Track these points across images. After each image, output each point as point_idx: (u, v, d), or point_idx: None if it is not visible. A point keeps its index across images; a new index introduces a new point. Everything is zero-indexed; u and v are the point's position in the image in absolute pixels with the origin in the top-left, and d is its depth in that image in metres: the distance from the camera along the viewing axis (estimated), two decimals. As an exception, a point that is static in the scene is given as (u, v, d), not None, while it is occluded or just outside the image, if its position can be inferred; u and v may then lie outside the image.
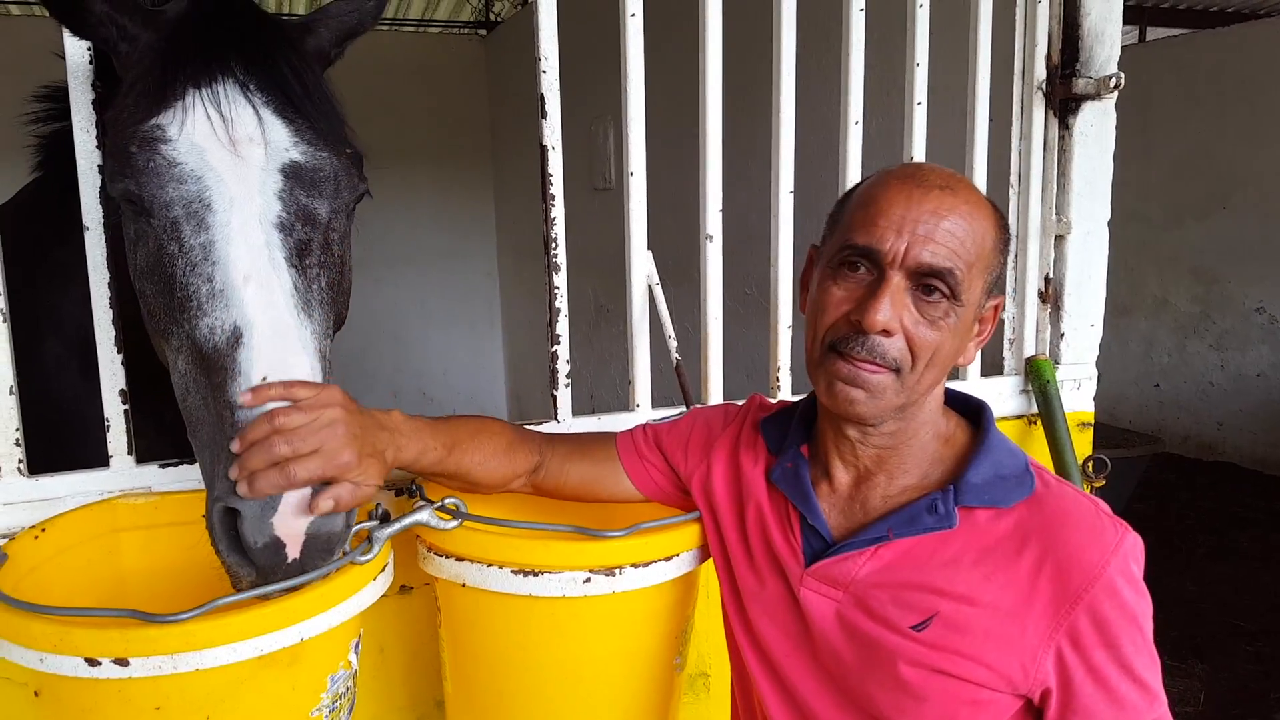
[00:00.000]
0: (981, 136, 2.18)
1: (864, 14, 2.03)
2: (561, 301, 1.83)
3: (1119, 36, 2.22)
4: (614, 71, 1.88)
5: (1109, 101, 2.22)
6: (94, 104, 1.49)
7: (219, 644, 1.05)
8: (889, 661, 1.14)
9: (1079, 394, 2.31)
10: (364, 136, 1.32)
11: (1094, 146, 2.23)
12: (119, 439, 1.56)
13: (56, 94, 1.73)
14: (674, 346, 1.86)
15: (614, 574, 1.31)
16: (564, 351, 1.84)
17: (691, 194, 1.97)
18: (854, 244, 1.15)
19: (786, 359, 2.06)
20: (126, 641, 1.02)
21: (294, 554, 1.08)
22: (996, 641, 1.10)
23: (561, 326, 1.84)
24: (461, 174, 7.28)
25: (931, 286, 1.12)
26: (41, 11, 6.01)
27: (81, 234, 1.50)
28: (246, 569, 1.09)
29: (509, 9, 7.20)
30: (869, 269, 1.14)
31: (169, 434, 1.60)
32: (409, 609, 1.67)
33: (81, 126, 1.49)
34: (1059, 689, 1.09)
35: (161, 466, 1.58)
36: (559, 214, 1.82)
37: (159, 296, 1.18)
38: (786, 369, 2.05)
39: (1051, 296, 2.28)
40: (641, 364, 1.95)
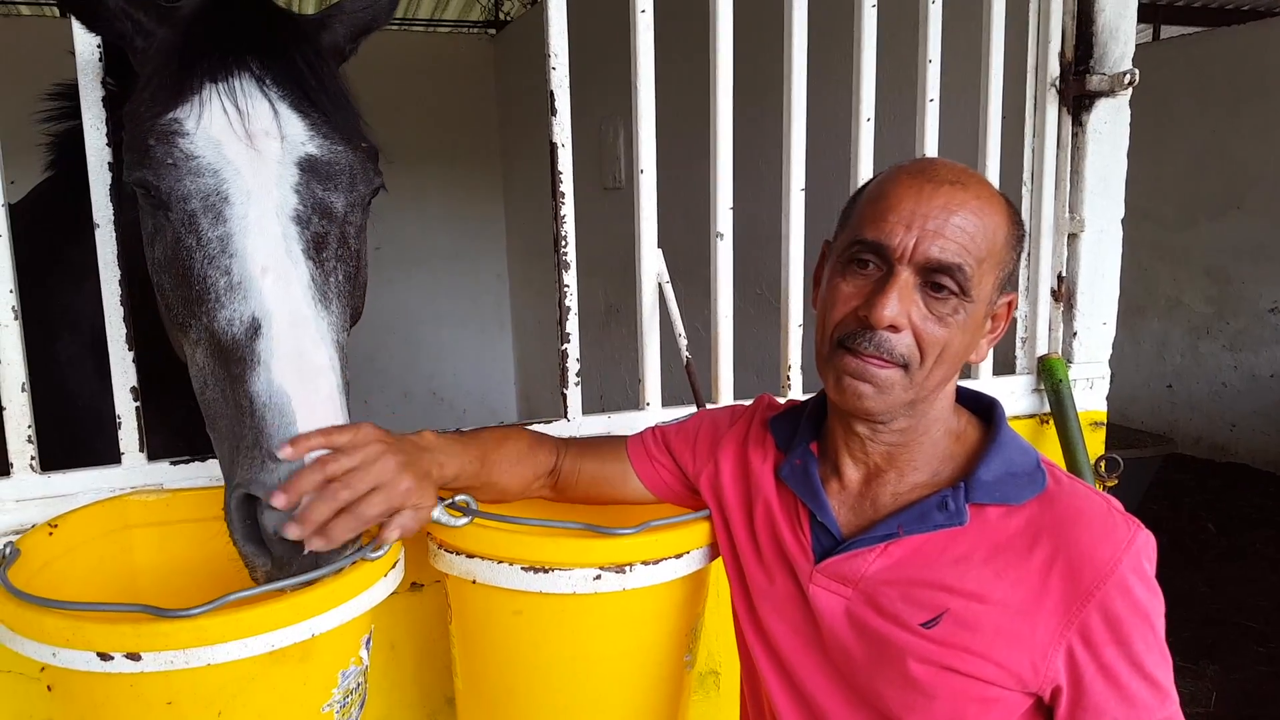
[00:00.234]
0: (994, 133, 2.17)
1: (876, 10, 2.03)
2: (571, 300, 1.83)
3: (1133, 32, 2.21)
4: (624, 69, 1.87)
5: (1123, 98, 2.20)
6: (104, 101, 1.49)
7: (231, 639, 1.05)
8: (898, 659, 1.14)
9: (1092, 393, 2.29)
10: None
11: (1108, 144, 2.22)
12: (131, 436, 1.57)
13: (69, 92, 1.74)
14: (684, 345, 1.86)
15: (624, 571, 1.31)
16: (574, 350, 1.84)
17: (702, 192, 1.97)
18: (863, 239, 1.14)
19: (797, 358, 2.05)
20: (139, 636, 1.03)
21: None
22: (1007, 639, 1.09)
23: (571, 325, 1.84)
24: (471, 174, 7.28)
25: (940, 283, 1.12)
26: (51, 11, 6.05)
27: (93, 232, 1.51)
28: (263, 558, 1.09)
29: (519, 8, 7.21)
30: (878, 265, 1.14)
31: (181, 432, 1.61)
32: (420, 606, 1.67)
33: (91, 124, 1.49)
34: (1070, 687, 1.08)
35: (173, 463, 1.58)
36: (569, 212, 1.81)
37: (177, 289, 1.19)
38: (797, 368, 2.05)
39: (1064, 295, 2.27)
40: (651, 363, 1.94)
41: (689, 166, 2.77)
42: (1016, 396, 2.25)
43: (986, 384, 2.20)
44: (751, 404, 1.48)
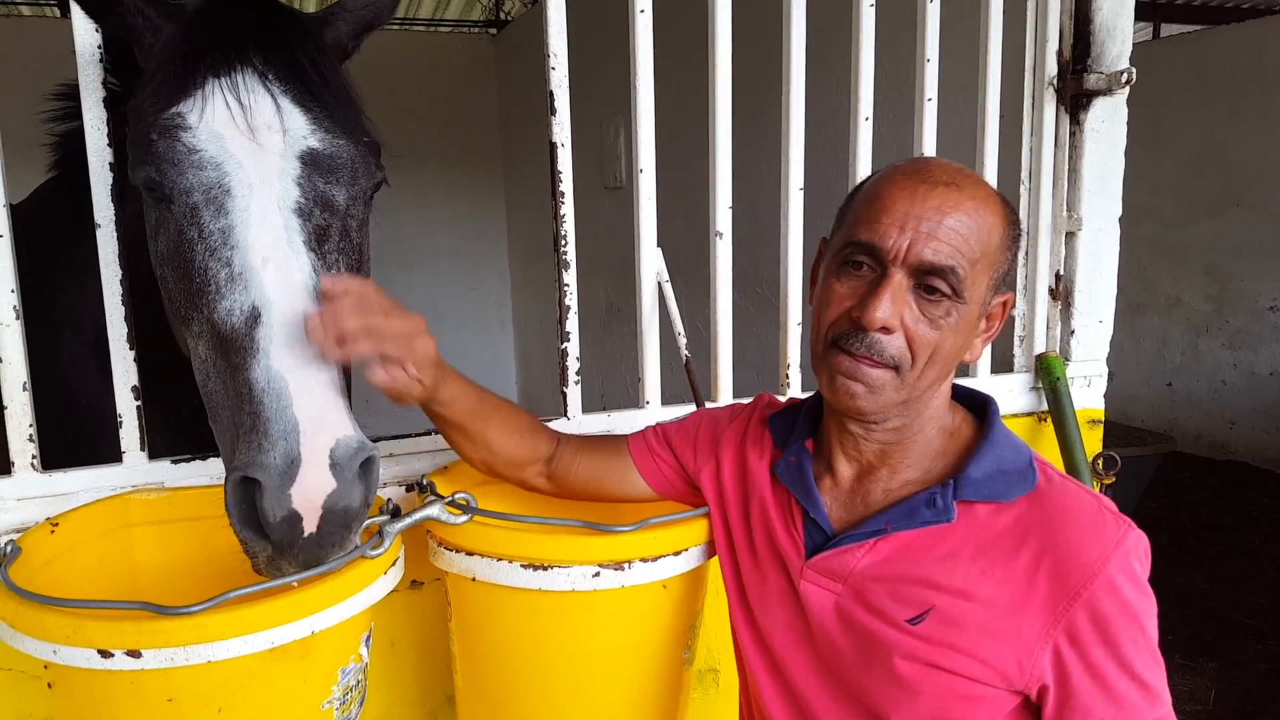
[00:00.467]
0: (992, 132, 2.18)
1: (874, 9, 2.03)
2: (571, 299, 1.84)
3: (1130, 31, 2.21)
4: (624, 69, 1.88)
5: (1120, 97, 2.21)
6: (105, 101, 1.50)
7: (231, 636, 1.05)
8: (885, 655, 1.14)
9: (1089, 391, 2.30)
10: (374, 136, 1.33)
11: (1105, 142, 2.22)
12: (132, 435, 1.57)
13: (72, 92, 1.74)
14: (684, 344, 1.86)
15: (623, 569, 1.32)
16: (574, 348, 1.85)
17: (701, 191, 1.97)
18: (858, 240, 1.15)
19: (796, 356, 2.05)
20: (139, 634, 1.03)
21: (311, 528, 1.07)
22: (992, 637, 1.09)
23: (571, 324, 1.84)
24: (472, 174, 7.29)
25: (933, 286, 1.12)
26: (52, 12, 6.05)
27: (95, 232, 1.52)
28: (262, 544, 1.09)
29: (519, 8, 7.21)
30: (872, 266, 1.14)
31: (183, 430, 1.62)
32: (420, 603, 1.67)
33: (92, 123, 1.50)
34: (1056, 686, 1.08)
35: (174, 462, 1.59)
36: (569, 211, 1.82)
37: (179, 282, 1.20)
38: (796, 366, 2.05)
39: (1062, 293, 2.27)
40: (651, 361, 1.95)
41: (689, 166, 2.77)
42: (1014, 394, 2.26)
43: (984, 382, 2.20)
44: (751, 402, 1.49)
